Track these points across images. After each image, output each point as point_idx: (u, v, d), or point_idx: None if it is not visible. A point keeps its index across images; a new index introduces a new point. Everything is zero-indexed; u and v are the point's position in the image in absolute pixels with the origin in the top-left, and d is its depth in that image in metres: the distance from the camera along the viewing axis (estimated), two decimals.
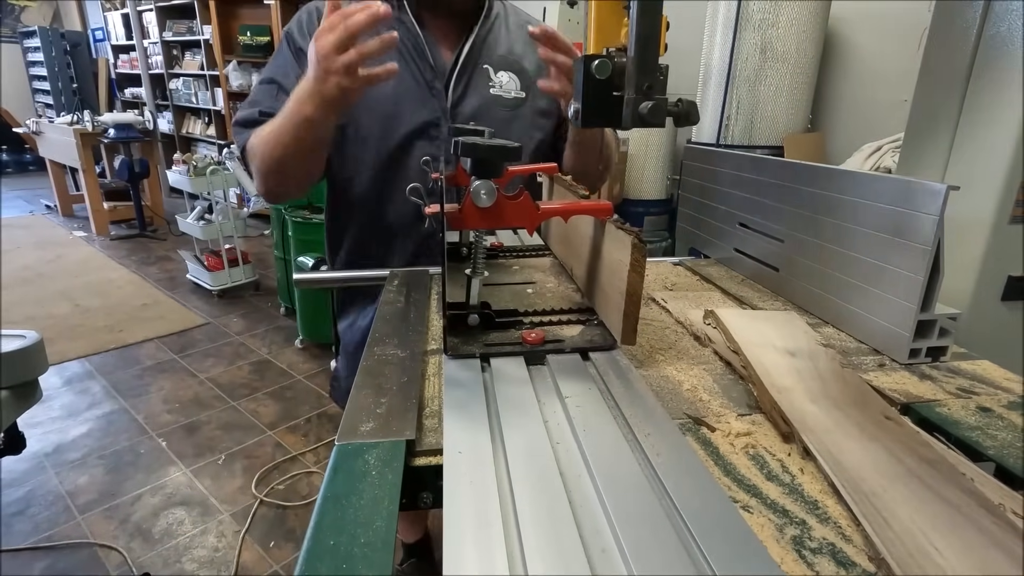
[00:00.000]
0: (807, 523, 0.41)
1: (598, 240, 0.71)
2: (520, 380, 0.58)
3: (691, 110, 0.63)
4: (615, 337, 0.64)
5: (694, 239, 1.14)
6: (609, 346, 0.65)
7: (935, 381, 0.63)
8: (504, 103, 1.09)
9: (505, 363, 0.61)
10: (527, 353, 0.63)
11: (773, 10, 2.30)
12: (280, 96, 0.99)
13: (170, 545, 1.82)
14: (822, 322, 0.79)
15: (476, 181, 0.60)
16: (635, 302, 0.59)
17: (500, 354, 0.63)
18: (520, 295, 0.80)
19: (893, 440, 0.50)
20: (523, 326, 0.68)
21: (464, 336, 0.65)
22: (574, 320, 0.70)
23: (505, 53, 1.11)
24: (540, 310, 0.72)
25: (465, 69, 1.07)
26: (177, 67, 6.18)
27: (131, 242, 4.93)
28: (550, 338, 0.65)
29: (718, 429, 0.53)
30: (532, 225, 0.65)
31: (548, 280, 0.86)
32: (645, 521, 0.39)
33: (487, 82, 1.09)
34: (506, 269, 0.92)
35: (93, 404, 2.57)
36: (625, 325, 0.61)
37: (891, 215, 0.68)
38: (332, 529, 0.39)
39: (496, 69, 1.10)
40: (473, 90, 1.08)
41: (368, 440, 0.49)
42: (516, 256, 0.99)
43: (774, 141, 2.47)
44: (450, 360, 0.62)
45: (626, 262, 0.58)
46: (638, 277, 0.58)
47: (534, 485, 0.42)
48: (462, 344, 0.64)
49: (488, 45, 1.10)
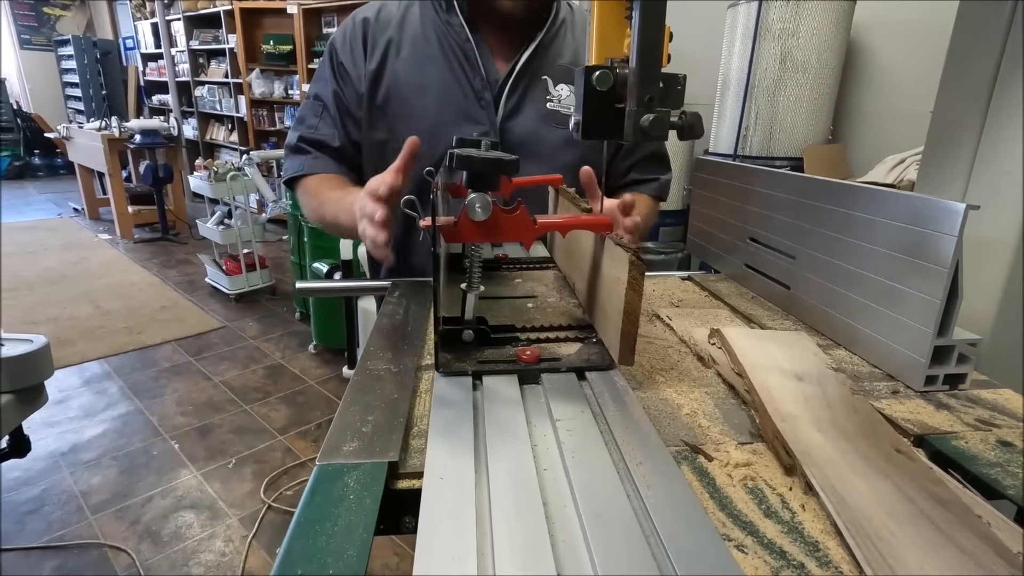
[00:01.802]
0: (805, 567, 0.39)
1: (598, 255, 0.68)
2: (512, 401, 0.56)
3: (695, 122, 0.61)
4: (612, 357, 0.61)
5: (704, 253, 1.11)
6: (607, 366, 0.62)
7: (952, 411, 0.60)
8: (562, 120, 0.99)
9: (498, 382, 0.59)
10: (521, 372, 0.61)
11: (793, 19, 2.26)
12: (324, 114, 1.02)
13: (178, 548, 1.83)
14: (834, 344, 0.76)
15: (471, 194, 0.59)
16: (633, 321, 0.57)
17: (493, 372, 0.60)
18: (520, 309, 0.78)
19: (904, 476, 0.46)
20: (519, 343, 0.66)
21: (458, 352, 0.63)
22: (572, 337, 0.68)
23: (568, 63, 1.00)
24: (538, 326, 0.70)
25: (520, 80, 0.98)
26: (203, 75, 6.32)
27: (154, 245, 5.03)
28: (546, 356, 0.63)
29: (716, 459, 0.50)
30: (529, 240, 0.63)
31: (550, 295, 0.84)
32: (630, 560, 0.37)
33: (544, 95, 0.99)
34: (508, 282, 0.90)
35: (109, 405, 2.61)
36: (622, 345, 0.58)
37: (908, 234, 0.64)
38: (301, 558, 0.37)
39: (556, 81, 0.99)
40: (528, 104, 0.98)
41: (350, 461, 0.48)
42: (520, 268, 0.96)
43: (794, 153, 2.43)
44: (441, 377, 0.60)
45: (624, 280, 0.56)
46: (636, 296, 0.56)
47: (515, 517, 0.40)
48: (455, 361, 0.62)
49: (550, 54, 1.00)
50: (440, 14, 0.97)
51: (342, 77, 1.00)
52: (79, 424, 2.46)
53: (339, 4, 4.68)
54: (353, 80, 0.99)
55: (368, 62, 0.98)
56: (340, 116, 1.01)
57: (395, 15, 1.00)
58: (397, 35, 0.98)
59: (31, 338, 0.97)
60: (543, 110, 0.99)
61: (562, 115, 0.99)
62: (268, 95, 5.49)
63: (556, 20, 1.01)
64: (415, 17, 0.99)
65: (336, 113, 1.01)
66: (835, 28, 2.29)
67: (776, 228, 0.89)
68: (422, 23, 0.99)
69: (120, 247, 4.96)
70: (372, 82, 0.98)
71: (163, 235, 5.15)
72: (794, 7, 2.24)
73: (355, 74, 0.98)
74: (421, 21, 0.99)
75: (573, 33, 1.03)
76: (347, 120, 1.02)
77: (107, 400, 2.65)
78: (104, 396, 2.68)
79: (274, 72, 5.46)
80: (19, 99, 8.26)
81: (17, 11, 8.05)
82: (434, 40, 0.97)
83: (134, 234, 5.20)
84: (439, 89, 0.96)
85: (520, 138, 0.98)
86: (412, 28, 0.99)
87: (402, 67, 0.97)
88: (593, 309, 0.72)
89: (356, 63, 0.98)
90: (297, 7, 4.72)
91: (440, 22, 0.97)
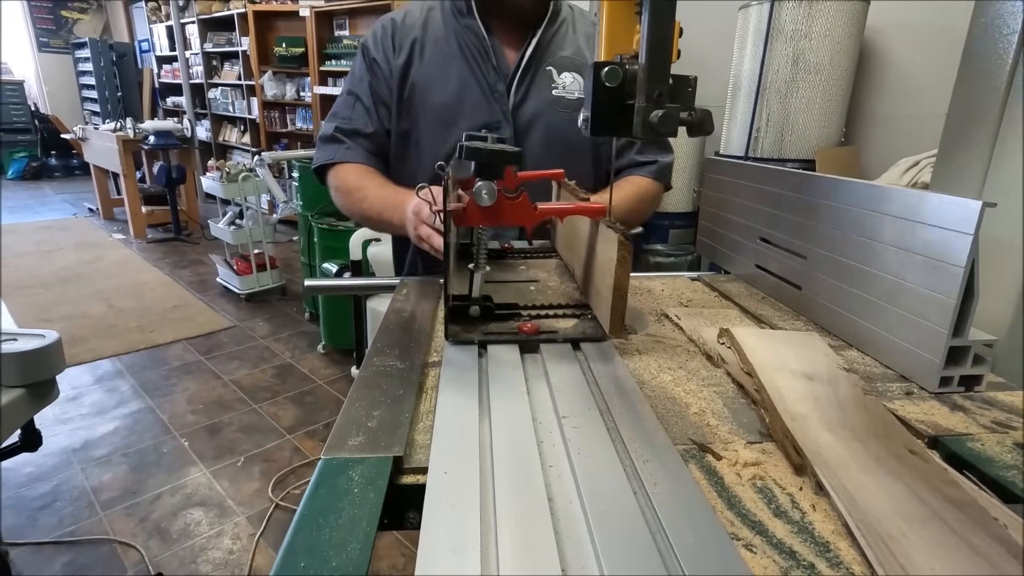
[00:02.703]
0: (816, 567, 0.38)
1: (593, 239, 0.74)
2: (513, 364, 0.62)
3: (705, 119, 0.61)
4: (604, 330, 0.67)
5: (714, 253, 1.10)
6: (599, 338, 0.68)
7: (968, 413, 0.58)
8: (566, 104, 1.09)
9: (501, 350, 0.65)
10: (522, 342, 0.67)
11: (806, 20, 2.24)
12: (357, 106, 1.10)
13: (186, 545, 1.84)
14: (845, 344, 0.75)
15: (479, 182, 0.63)
16: (622, 297, 0.63)
17: (497, 342, 0.66)
18: (523, 291, 0.84)
19: (916, 477, 0.46)
20: (521, 318, 0.72)
21: (465, 325, 0.69)
22: (569, 314, 0.74)
23: (570, 55, 1.11)
24: (538, 304, 0.76)
25: (528, 71, 1.08)
26: (216, 77, 6.39)
27: (166, 245, 5.09)
28: (545, 329, 0.69)
29: (724, 457, 0.49)
30: (531, 223, 0.67)
31: (551, 279, 0.89)
32: (635, 558, 0.36)
33: (549, 83, 1.09)
34: (513, 268, 0.96)
35: (121, 402, 2.63)
36: (613, 318, 0.64)
37: (922, 233, 0.63)
38: (304, 550, 0.37)
39: (559, 70, 1.10)
40: (535, 92, 1.08)
41: (354, 455, 0.47)
42: (524, 257, 1.01)
43: (805, 155, 2.40)
44: (451, 346, 0.66)
45: (614, 258, 0.61)
46: (624, 272, 0.61)
47: (520, 514, 0.40)
48: (463, 332, 0.68)
49: (553, 47, 1.10)
50: (459, 19, 1.09)
51: (374, 71, 1.10)
52: (91, 421, 2.48)
53: (350, 6, 4.71)
54: (385, 74, 1.09)
55: (396, 58, 1.08)
56: (375, 105, 1.10)
57: (418, 19, 1.11)
58: (421, 36, 1.09)
59: (43, 333, 0.98)
60: (548, 96, 1.09)
61: (567, 100, 1.09)
62: (280, 97, 5.54)
63: (557, 17, 1.11)
64: (437, 21, 1.11)
65: (371, 103, 1.10)
66: (848, 29, 2.27)
67: (787, 228, 0.88)
68: (443, 25, 1.10)
69: (133, 247, 5.02)
70: (401, 77, 1.08)
71: (176, 235, 5.20)
72: (807, 8, 2.22)
73: (386, 68, 1.09)
74: (443, 24, 1.10)
75: (574, 29, 1.14)
76: (380, 108, 1.11)
77: (118, 397, 2.67)
78: (116, 393, 2.71)
79: (286, 74, 5.50)
80: (37, 101, 8.40)
81: (36, 14, 8.19)
82: (454, 42, 1.08)
83: (147, 234, 5.25)
84: (458, 83, 1.07)
85: (528, 122, 1.08)
86: (435, 30, 1.10)
87: (426, 65, 1.08)
88: (588, 289, 0.78)
89: (388, 59, 1.09)
90: (309, 10, 4.76)
91: (459, 26, 1.09)
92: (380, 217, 1.03)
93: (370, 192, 1.05)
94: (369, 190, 1.06)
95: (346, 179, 1.09)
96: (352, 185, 1.08)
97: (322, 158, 1.12)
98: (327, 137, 1.12)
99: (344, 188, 1.09)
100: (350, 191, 1.08)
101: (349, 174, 1.09)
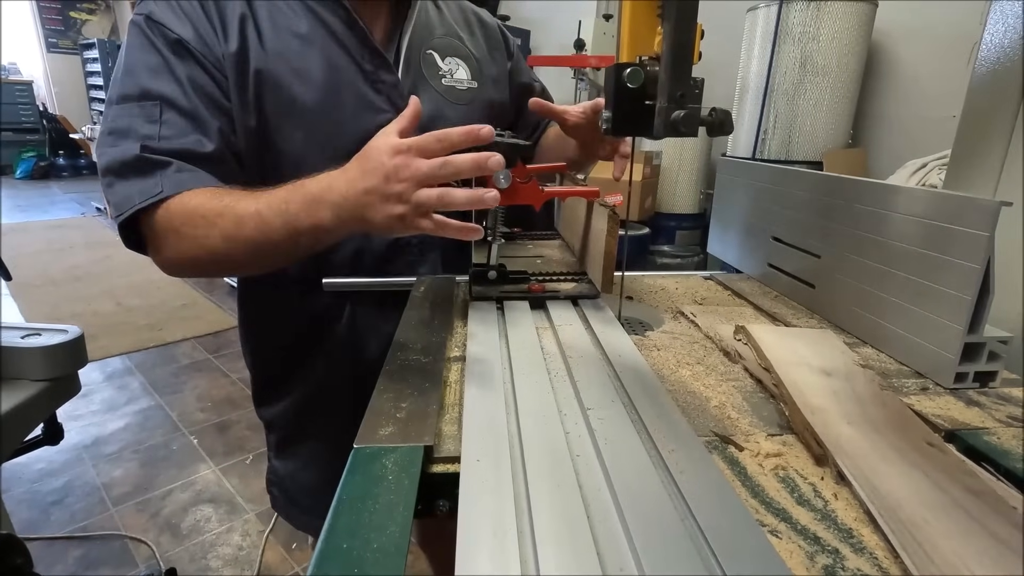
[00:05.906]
0: (840, 552, 0.39)
1: (588, 217, 0.90)
2: (525, 313, 0.78)
3: (725, 119, 0.62)
4: (598, 289, 0.82)
5: (727, 253, 1.12)
6: (594, 295, 0.84)
7: (983, 408, 0.60)
8: (458, 96, 0.91)
9: (515, 306, 0.81)
10: (531, 299, 0.83)
11: (814, 23, 2.25)
12: (169, 115, 0.71)
13: (197, 541, 1.86)
14: (860, 342, 0.76)
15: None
16: (611, 261, 0.77)
17: (511, 298, 0.83)
18: (531, 263, 1.00)
19: (936, 468, 0.47)
20: (530, 281, 0.87)
21: (485, 286, 0.85)
22: (569, 279, 0.90)
23: (446, 35, 0.92)
24: (544, 272, 0.92)
25: (412, 57, 0.86)
26: None
27: None
28: (550, 290, 0.85)
29: (746, 448, 0.51)
30: (538, 202, 0.75)
31: (555, 255, 1.08)
32: (666, 540, 0.37)
33: (437, 71, 0.89)
34: (522, 247, 1.14)
35: (131, 400, 2.65)
36: (604, 277, 0.78)
37: (937, 231, 0.64)
38: (346, 532, 0.39)
39: (442, 55, 0.90)
40: (425, 83, 0.87)
41: (386, 444, 0.49)
42: (532, 239, 1.19)
43: (813, 156, 2.41)
44: (472, 303, 0.81)
45: (604, 229, 0.75)
46: (612, 240, 0.75)
47: (553, 499, 0.41)
48: (483, 292, 0.83)
49: (425, 27, 0.90)
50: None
51: (189, 58, 0.72)
52: (102, 418, 2.50)
53: None
54: (209, 61, 0.73)
55: (225, 43, 0.74)
56: (208, 110, 0.73)
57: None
58: (249, 11, 0.76)
59: (67, 328, 1.00)
60: (441, 87, 0.89)
61: (458, 91, 0.91)
62: None
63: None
64: None
65: (199, 107, 0.72)
66: (856, 32, 2.28)
67: (801, 227, 0.89)
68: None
69: None
70: (238, 73, 0.75)
71: None
72: (815, 10, 2.24)
73: (210, 56, 0.73)
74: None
75: (436, 4, 0.95)
76: (216, 114, 0.74)
77: (129, 395, 2.69)
78: (126, 391, 2.73)
79: None
80: (45, 101, 8.46)
81: (45, 15, 8.26)
82: (305, 18, 0.79)
83: None
84: (324, 74, 0.78)
85: (427, 119, 0.82)
86: (268, 2, 0.78)
87: (270, 49, 0.76)
88: (584, 257, 0.93)
89: (207, 43, 0.73)
90: None
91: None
92: (295, 226, 0.64)
93: (251, 205, 0.66)
94: (249, 202, 0.66)
95: (197, 205, 0.68)
96: (211, 208, 0.67)
97: (137, 198, 0.68)
98: (129, 165, 0.69)
99: (199, 217, 0.67)
100: (210, 218, 0.67)
101: (198, 198, 0.68)
